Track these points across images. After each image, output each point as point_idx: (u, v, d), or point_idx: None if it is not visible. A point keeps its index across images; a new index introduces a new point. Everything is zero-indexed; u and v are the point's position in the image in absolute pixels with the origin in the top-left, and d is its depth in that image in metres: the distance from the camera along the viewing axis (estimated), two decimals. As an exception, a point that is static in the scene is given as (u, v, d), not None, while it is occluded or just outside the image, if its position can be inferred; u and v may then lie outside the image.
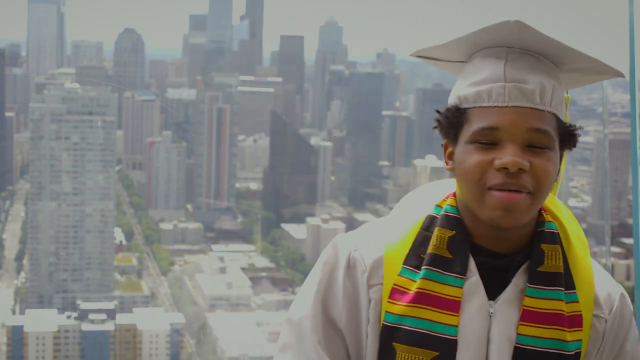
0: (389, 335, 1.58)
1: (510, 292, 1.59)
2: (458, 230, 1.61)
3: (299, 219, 77.97)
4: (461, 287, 1.57)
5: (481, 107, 1.56)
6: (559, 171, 1.65)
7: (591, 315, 1.62)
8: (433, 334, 1.56)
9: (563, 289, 1.60)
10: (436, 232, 1.61)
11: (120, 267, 70.89)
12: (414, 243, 1.63)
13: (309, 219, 77.19)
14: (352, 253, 1.65)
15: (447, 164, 1.66)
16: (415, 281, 1.59)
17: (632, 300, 1.79)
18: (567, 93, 1.67)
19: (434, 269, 1.58)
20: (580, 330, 1.60)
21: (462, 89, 1.60)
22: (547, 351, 1.56)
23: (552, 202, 1.72)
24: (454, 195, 1.67)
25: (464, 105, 1.59)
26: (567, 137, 1.61)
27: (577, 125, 1.64)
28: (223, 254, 71.25)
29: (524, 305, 1.57)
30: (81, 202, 71.42)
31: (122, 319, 57.83)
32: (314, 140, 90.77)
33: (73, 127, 71.22)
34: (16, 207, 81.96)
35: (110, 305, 61.02)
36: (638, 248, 2.55)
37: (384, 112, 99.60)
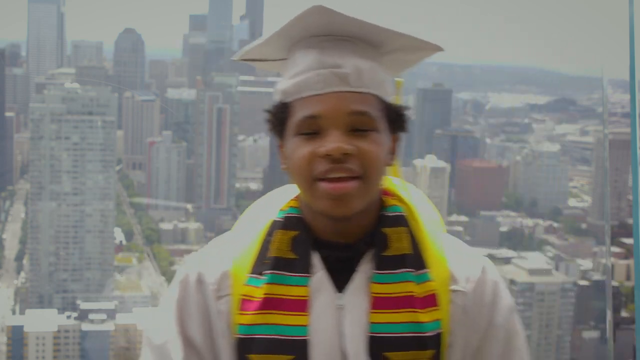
0: (243, 348, 1.55)
1: (357, 281, 1.56)
2: (300, 229, 1.58)
3: (299, 219, 77.97)
4: (306, 286, 1.54)
5: (302, 97, 1.53)
6: (394, 155, 1.62)
7: (448, 292, 1.58)
8: (285, 337, 1.53)
9: (412, 270, 1.56)
10: (277, 234, 1.59)
11: (120, 267, 70.88)
12: (260, 250, 1.60)
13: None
14: (200, 269, 1.62)
15: (283, 163, 1.62)
16: (260, 288, 1.56)
17: (632, 300, 1.75)
18: (399, 77, 1.67)
19: (277, 272, 1.56)
20: (437, 309, 1.56)
21: (283, 83, 1.58)
22: (403, 335, 1.53)
23: (397, 184, 1.68)
24: (297, 197, 1.64)
25: (287, 99, 1.56)
26: (396, 118, 1.59)
27: (404, 105, 1.62)
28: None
29: (372, 292, 1.54)
30: (81, 202, 71.42)
31: (122, 319, 57.81)
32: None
33: (73, 127, 71.22)
34: (16, 207, 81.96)
35: (110, 305, 61.02)
36: (638, 248, 2.55)
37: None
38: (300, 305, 1.54)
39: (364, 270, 1.56)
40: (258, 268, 1.58)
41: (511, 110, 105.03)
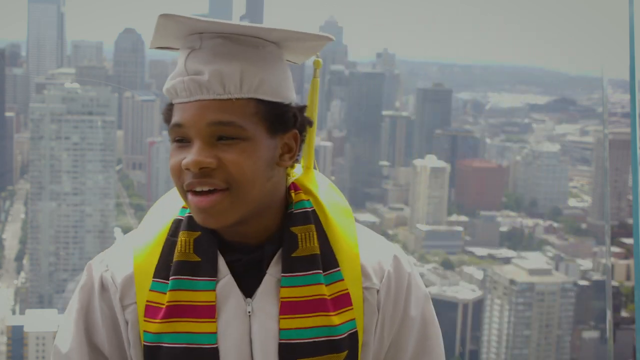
0: (151, 356, 1.47)
1: (266, 285, 1.48)
2: (203, 230, 1.48)
3: (299, 219, 77.98)
4: (214, 290, 1.46)
5: (175, 103, 1.46)
6: (294, 155, 1.48)
7: (361, 290, 1.51)
8: (193, 346, 1.45)
9: (321, 271, 1.48)
10: (181, 236, 1.49)
11: (120, 267, 71.00)
12: (162, 252, 1.50)
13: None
14: (103, 274, 1.54)
15: None
16: (166, 294, 1.47)
17: (632, 300, 1.73)
18: (317, 57, 1.59)
19: (182, 277, 1.47)
20: (351, 308, 1.49)
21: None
22: (315, 340, 1.46)
23: (307, 177, 1.58)
24: None
25: (173, 101, 1.47)
26: (277, 118, 1.46)
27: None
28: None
29: (281, 297, 1.46)
30: (81, 202, 71.45)
31: (122, 319, 57.87)
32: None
33: (73, 127, 71.24)
34: (16, 207, 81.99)
35: (110, 305, 61.06)
36: (638, 248, 2.55)
37: (384, 112, 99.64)
38: (208, 312, 1.46)
39: (273, 273, 1.48)
40: (162, 272, 1.49)
41: (511, 110, 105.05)
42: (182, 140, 1.44)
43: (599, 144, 64.82)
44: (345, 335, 1.48)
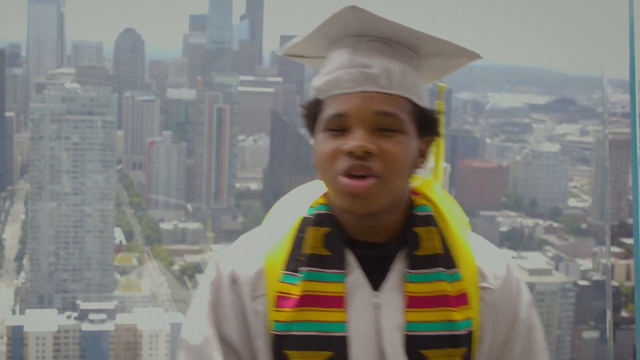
0: (280, 344, 1.57)
1: (392, 280, 1.59)
2: (331, 226, 1.60)
3: (299, 219, 77.93)
4: (343, 282, 1.57)
5: (332, 95, 1.56)
6: (425, 159, 1.64)
7: (477, 289, 1.62)
8: (323, 334, 1.55)
9: (444, 269, 1.59)
10: (310, 231, 1.61)
11: (120, 267, 70.87)
12: (292, 247, 1.61)
13: (309, 219, 77.18)
14: (233, 268, 1.63)
15: (313, 159, 1.65)
16: (297, 285, 1.57)
17: (632, 300, 1.79)
18: (441, 82, 1.72)
19: (313, 269, 1.58)
20: (469, 307, 1.60)
21: (317, 80, 1.61)
22: (438, 334, 1.56)
23: (426, 185, 1.72)
24: (326, 194, 1.67)
25: (320, 96, 1.59)
26: (425, 122, 1.61)
27: (434, 109, 1.64)
28: (223, 254, 71.20)
29: (407, 292, 1.57)
30: (81, 202, 71.42)
31: (122, 319, 57.83)
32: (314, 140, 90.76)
33: (73, 127, 71.22)
34: (16, 207, 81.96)
35: (110, 305, 61.00)
36: (638, 248, 2.55)
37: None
38: (338, 302, 1.56)
39: (398, 269, 1.59)
40: (292, 265, 1.60)
41: (511, 110, 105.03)
42: (335, 130, 1.54)
43: (599, 144, 64.80)
44: (465, 331, 1.59)
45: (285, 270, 1.60)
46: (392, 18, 1.56)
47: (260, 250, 1.64)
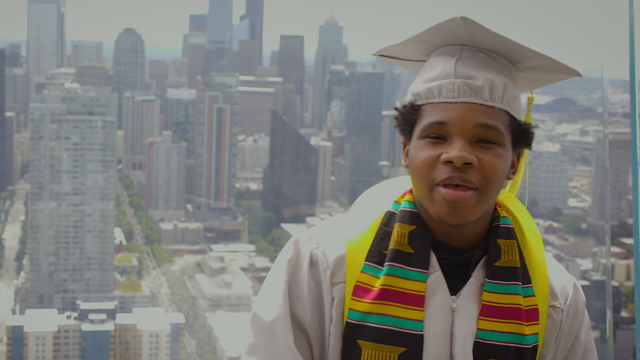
0: (353, 333, 1.57)
1: (470, 287, 1.60)
2: (418, 225, 1.61)
3: (299, 219, 77.97)
4: (424, 282, 1.58)
5: (432, 103, 1.57)
6: (515, 170, 1.65)
7: (547, 307, 1.64)
8: (399, 329, 1.55)
9: (520, 283, 1.61)
10: (397, 227, 1.61)
11: (120, 267, 70.88)
12: (374, 239, 1.62)
13: (309, 219, 77.18)
14: (314, 251, 1.64)
15: (404, 161, 1.66)
16: (378, 278, 1.58)
17: (632, 300, 1.82)
18: (531, 94, 1.70)
19: (396, 264, 1.58)
20: (537, 323, 1.62)
21: (416, 86, 1.62)
22: (506, 345, 1.57)
23: (507, 198, 1.73)
24: (411, 191, 1.67)
25: (418, 102, 1.60)
26: (521, 135, 1.61)
27: (533, 124, 1.64)
28: (223, 254, 71.26)
29: (484, 300, 1.58)
30: (81, 202, 71.41)
31: (122, 319, 57.81)
32: (314, 140, 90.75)
33: (73, 127, 71.21)
34: (16, 207, 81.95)
35: (110, 305, 61.00)
36: (638, 248, 2.55)
37: (384, 112, 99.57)
38: (418, 301, 1.57)
39: (477, 277, 1.61)
40: (374, 257, 1.60)
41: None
42: (434, 137, 1.55)
43: (599, 144, 64.78)
44: (531, 346, 1.60)
45: (367, 261, 1.60)
46: (497, 30, 1.57)
47: (343, 237, 1.64)
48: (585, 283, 68.09)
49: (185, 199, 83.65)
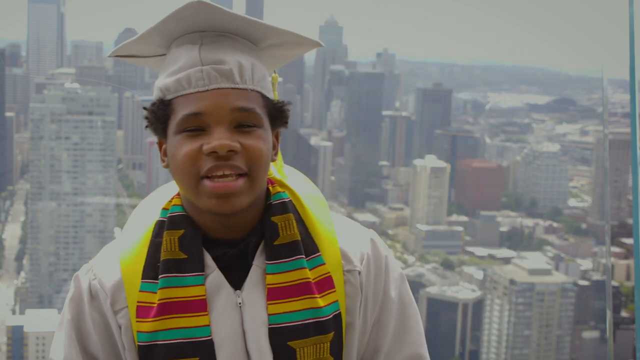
0: (147, 356, 1.51)
1: (253, 275, 1.54)
2: (187, 228, 1.54)
3: (299, 219, 77.96)
4: (203, 285, 1.51)
5: (183, 94, 1.50)
6: (277, 152, 1.60)
7: (342, 273, 1.58)
8: (188, 340, 1.49)
9: (303, 256, 1.55)
10: (165, 236, 1.54)
11: (120, 267, 71.01)
12: (147, 254, 1.55)
13: (309, 219, 77.20)
14: (91, 282, 1.57)
15: (163, 161, 1.58)
16: (156, 293, 1.51)
17: (632, 300, 1.76)
18: (275, 73, 1.64)
19: (170, 274, 1.51)
20: (334, 291, 1.56)
21: (162, 80, 1.54)
22: (303, 323, 1.52)
23: (279, 172, 1.66)
24: (179, 194, 1.60)
25: (168, 97, 1.52)
26: (276, 114, 1.57)
27: (284, 101, 1.59)
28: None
29: (268, 284, 1.52)
30: (81, 202, 71.45)
31: (122, 319, 57.88)
32: (314, 140, 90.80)
33: (73, 127, 71.25)
34: (16, 207, 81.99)
35: (110, 305, 61.06)
36: (638, 248, 2.55)
37: (384, 112, 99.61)
38: (200, 306, 1.50)
39: (258, 264, 1.54)
40: (150, 272, 1.53)
41: (511, 110, 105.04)
42: (192, 130, 1.48)
43: (599, 144, 64.80)
44: (331, 316, 1.54)
45: (144, 278, 1.53)
46: (235, 11, 1.51)
47: (117, 260, 1.57)
48: (585, 283, 68.14)
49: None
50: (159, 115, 1.52)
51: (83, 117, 71.27)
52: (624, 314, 53.65)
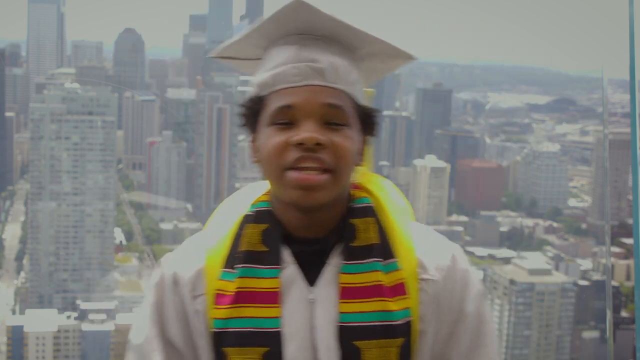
0: (219, 342, 1.57)
1: (327, 274, 1.58)
2: (270, 222, 1.60)
3: (299, 219, 78.02)
4: (277, 278, 1.57)
5: (277, 90, 1.56)
6: (363, 157, 1.63)
7: (417, 280, 1.60)
8: (258, 330, 1.55)
9: (380, 259, 1.58)
10: (248, 228, 1.61)
11: (120, 267, 70.90)
12: (231, 245, 1.62)
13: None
14: (175, 270, 1.64)
15: (254, 157, 1.63)
16: (233, 282, 1.58)
17: (632, 300, 1.76)
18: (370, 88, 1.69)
19: (248, 265, 1.58)
20: (407, 297, 1.58)
21: (259, 77, 1.60)
22: (372, 324, 1.55)
23: (366, 177, 1.70)
24: (268, 191, 1.66)
25: (263, 93, 1.58)
26: (367, 119, 1.62)
27: (375, 108, 1.65)
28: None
29: (341, 283, 1.56)
30: (81, 202, 71.46)
31: (122, 319, 57.84)
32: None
33: (73, 127, 71.26)
34: (16, 207, 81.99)
35: (110, 305, 61.04)
36: (638, 248, 2.55)
37: (384, 112, 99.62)
38: (272, 298, 1.56)
39: (334, 263, 1.58)
40: (230, 262, 1.60)
41: (511, 110, 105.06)
42: (283, 122, 1.53)
43: (599, 144, 64.79)
44: (402, 322, 1.56)
45: (224, 268, 1.60)
46: (334, 14, 1.55)
47: (202, 250, 1.64)
48: (586, 283, 68.13)
49: (185, 198, 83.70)
50: (253, 110, 1.59)
51: (83, 117, 71.28)
52: (624, 314, 53.66)
